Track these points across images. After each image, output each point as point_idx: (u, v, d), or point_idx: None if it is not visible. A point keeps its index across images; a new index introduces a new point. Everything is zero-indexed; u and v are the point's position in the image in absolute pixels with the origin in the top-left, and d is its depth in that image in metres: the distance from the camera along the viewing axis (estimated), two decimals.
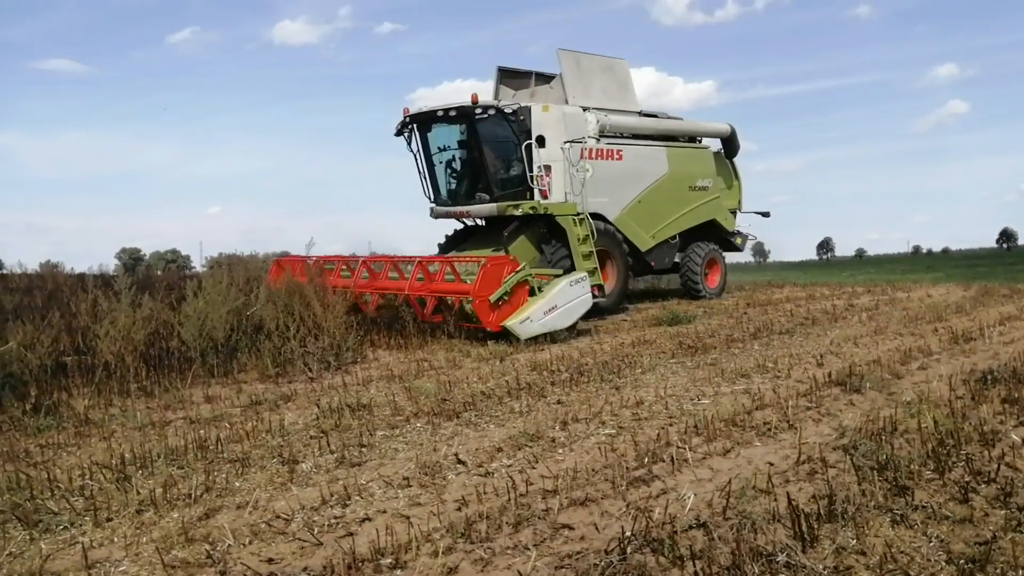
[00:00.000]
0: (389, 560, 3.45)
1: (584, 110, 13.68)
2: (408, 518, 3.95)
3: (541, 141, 12.74)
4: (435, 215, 13.92)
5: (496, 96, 14.05)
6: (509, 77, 14.50)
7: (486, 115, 12.33)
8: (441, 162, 13.68)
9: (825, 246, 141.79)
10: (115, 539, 3.84)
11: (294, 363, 8.55)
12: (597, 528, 3.74)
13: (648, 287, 19.80)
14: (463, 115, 12.54)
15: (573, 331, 10.51)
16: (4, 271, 23.22)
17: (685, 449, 4.92)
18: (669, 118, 16.25)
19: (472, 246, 13.64)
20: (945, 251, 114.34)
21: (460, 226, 14.72)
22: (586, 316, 11.27)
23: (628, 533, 3.56)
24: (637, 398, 6.53)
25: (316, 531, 3.82)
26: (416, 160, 13.68)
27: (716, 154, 17.08)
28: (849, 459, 4.56)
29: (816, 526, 3.54)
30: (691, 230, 16.14)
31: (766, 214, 18.38)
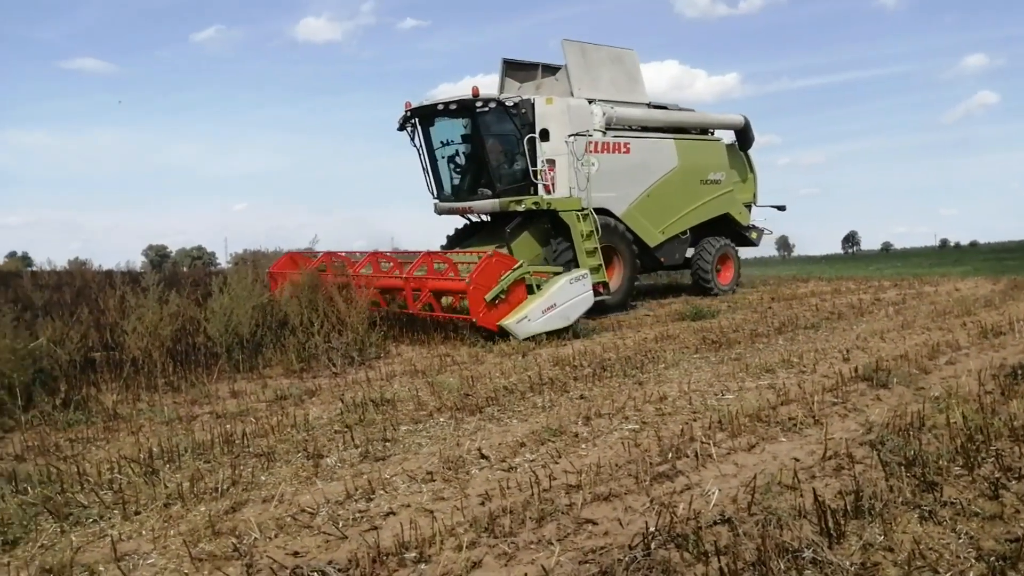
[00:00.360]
0: (413, 554, 3.46)
1: (590, 102, 13.35)
2: (432, 512, 3.96)
3: (545, 135, 12.50)
4: (439, 211, 13.70)
5: (501, 89, 13.83)
6: (514, 69, 14.23)
7: (487, 108, 12.08)
8: (443, 157, 13.40)
9: (851, 240, 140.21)
10: (143, 532, 3.89)
11: (318, 358, 8.61)
12: (621, 523, 3.73)
13: (670, 281, 19.58)
14: (464, 108, 12.22)
15: (571, 330, 10.14)
16: (34, 268, 23.60)
17: (709, 444, 4.89)
18: (680, 110, 15.83)
19: (477, 242, 13.31)
20: (973, 244, 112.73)
21: (465, 222, 14.44)
22: (591, 313, 11.17)
23: (652, 528, 3.55)
24: (660, 393, 6.51)
25: (341, 525, 3.84)
26: (419, 155, 13.44)
27: (729, 146, 16.64)
28: (876, 455, 4.52)
29: (843, 522, 3.51)
30: (703, 225, 15.72)
31: (782, 208, 17.87)
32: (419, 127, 13.09)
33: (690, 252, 15.82)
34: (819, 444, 4.82)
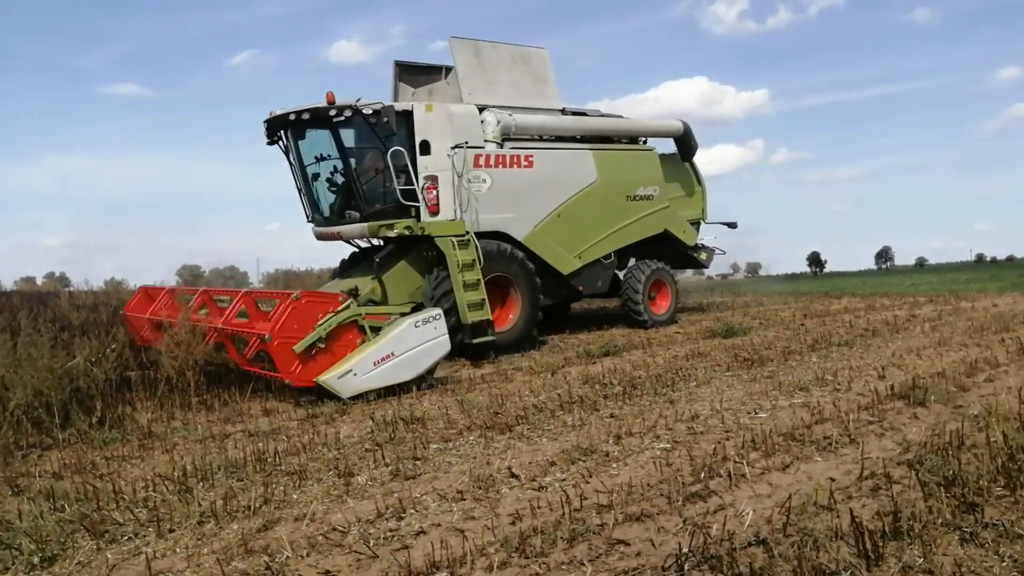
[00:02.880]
0: (444, 574, 3.45)
1: (481, 109, 11.65)
2: (462, 532, 3.95)
3: (425, 147, 10.86)
4: (316, 236, 11.84)
5: (395, 96, 12.25)
6: (409, 73, 12.51)
7: (343, 118, 10.31)
8: (317, 174, 11.47)
9: (884, 255, 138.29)
10: (177, 550, 3.92)
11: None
12: (653, 544, 3.69)
13: (598, 308, 17.47)
14: (318, 118, 10.54)
15: (426, 382, 8.34)
16: (71, 288, 24.06)
17: (743, 464, 4.83)
18: (603, 116, 14.02)
19: (359, 272, 11.62)
20: (1010, 259, 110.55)
21: (360, 247, 12.57)
22: (482, 355, 10.32)
23: (685, 549, 3.50)
24: (692, 412, 6.45)
25: (372, 544, 3.85)
26: (292, 172, 11.62)
27: (667, 157, 14.76)
28: (914, 475, 4.43)
29: (881, 544, 3.44)
30: (637, 247, 13.92)
31: (733, 225, 16.04)
32: (290, 140, 11.29)
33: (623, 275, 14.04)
34: (855, 464, 4.74)
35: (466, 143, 11.08)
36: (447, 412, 6.91)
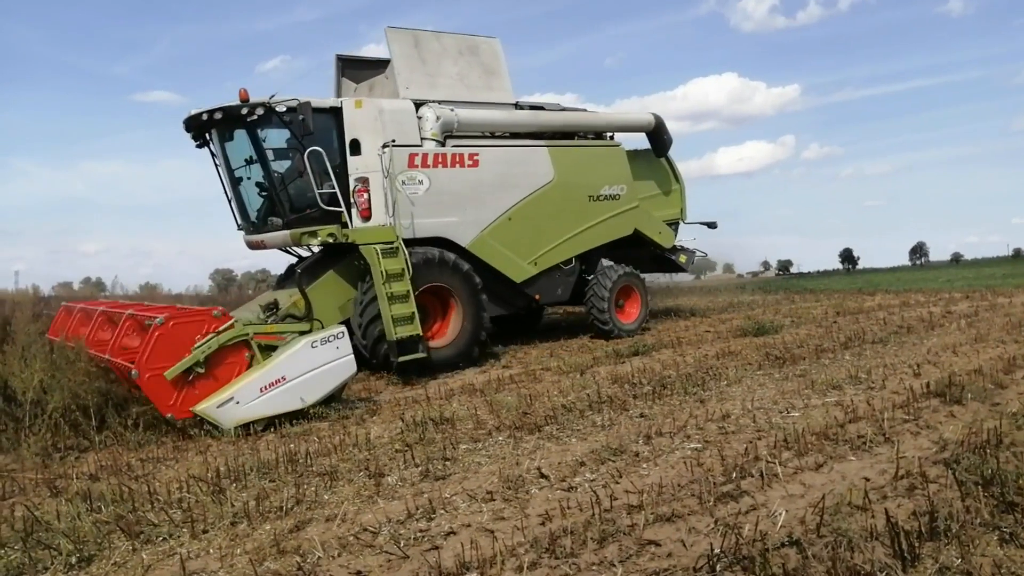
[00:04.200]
0: (474, 574, 3.46)
1: (419, 104, 10.80)
2: (492, 532, 3.95)
3: (356, 147, 10.13)
4: (247, 245, 11.01)
5: (338, 92, 11.46)
6: (351, 67, 11.71)
7: (255, 116, 9.58)
8: (248, 177, 10.60)
9: (918, 251, 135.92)
10: (211, 550, 3.97)
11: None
12: (684, 545, 3.66)
13: (564, 316, 15.89)
14: (232, 118, 9.79)
15: (332, 404, 7.53)
16: (107, 293, 24.48)
17: (775, 464, 4.77)
18: (564, 110, 12.98)
19: (295, 283, 10.23)
20: None
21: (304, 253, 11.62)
22: (412, 373, 9.44)
23: (717, 550, 3.47)
24: (723, 411, 6.39)
25: (402, 544, 3.86)
26: (219, 176, 10.83)
27: (640, 153, 13.86)
28: (951, 474, 4.35)
29: (917, 544, 3.38)
30: (609, 250, 12.88)
31: (712, 225, 15.00)
32: (216, 142, 10.52)
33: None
34: (890, 463, 4.66)
35: (393, 141, 10.19)
36: (476, 413, 6.92)
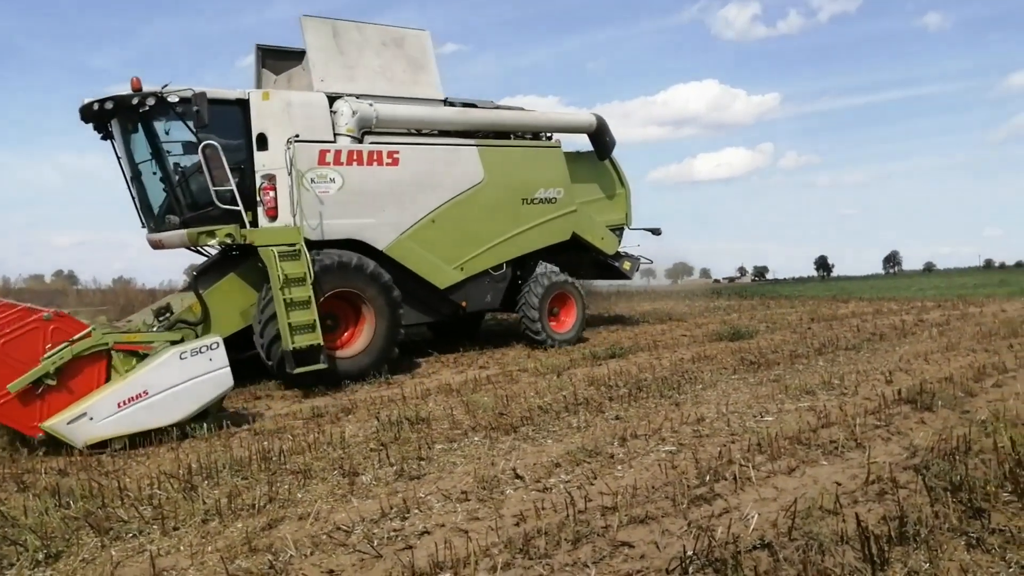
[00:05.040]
0: (448, 574, 3.45)
1: (335, 98, 10.20)
2: (466, 532, 3.94)
3: (263, 142, 9.44)
4: (150, 245, 10.23)
5: (258, 83, 10.90)
6: (272, 58, 11.07)
7: (146, 107, 8.91)
8: (153, 173, 9.81)
9: (892, 260, 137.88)
10: (181, 547, 3.93)
11: None
12: (658, 546, 3.68)
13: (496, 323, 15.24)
14: (123, 108, 9.14)
15: (208, 420, 6.83)
16: (80, 287, 24.17)
17: (748, 467, 4.81)
18: (497, 108, 12.29)
19: (204, 282, 9.85)
20: (1019, 264, 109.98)
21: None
22: (312, 384, 8.83)
23: (690, 552, 3.49)
24: (698, 414, 6.43)
25: (376, 543, 3.84)
26: (121, 170, 10.11)
27: (583, 155, 13.29)
28: (921, 479, 4.40)
29: (887, 549, 3.42)
30: (548, 256, 12.32)
31: (657, 231, 14.35)
32: (119, 133, 9.78)
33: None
34: (862, 468, 4.71)
35: (296, 136, 9.51)
36: (452, 413, 6.91)
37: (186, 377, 6.61)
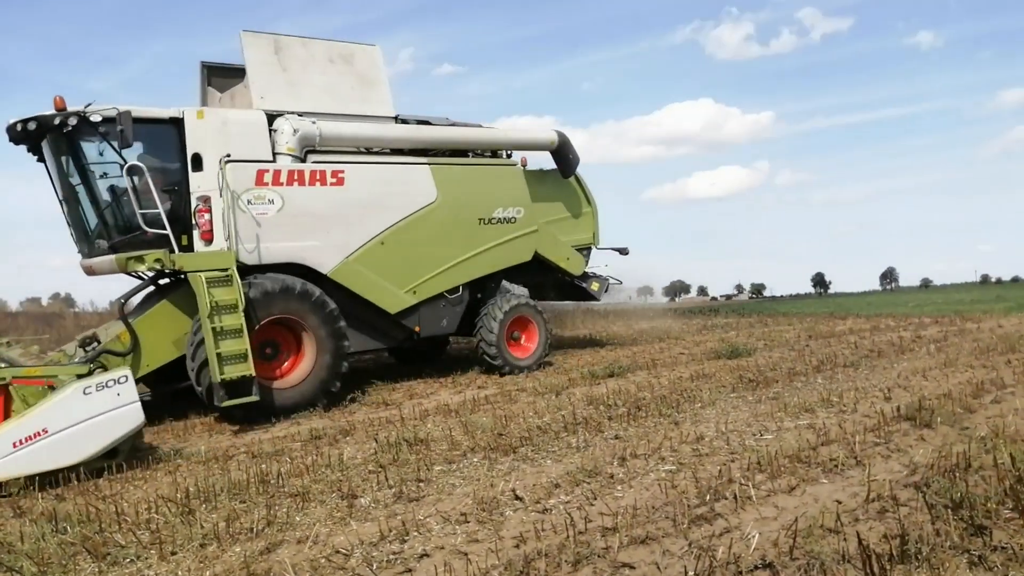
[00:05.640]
0: None
1: (275, 116, 9.73)
2: (466, 555, 3.92)
3: (198, 162, 8.99)
4: (84, 270, 9.80)
5: (203, 100, 10.63)
6: (218, 75, 10.72)
7: (68, 127, 8.54)
8: (84, 195, 9.39)
9: (889, 276, 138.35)
10: (179, 572, 3.90)
11: None
12: (659, 567, 3.66)
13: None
14: (45, 128, 8.76)
15: (120, 459, 6.43)
16: (76, 309, 24.14)
17: (748, 486, 4.80)
18: (454, 125, 11.70)
19: (137, 310, 9.56)
20: (1015, 279, 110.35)
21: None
22: (251, 419, 8.35)
23: (691, 573, 3.48)
24: (697, 433, 6.42)
25: (375, 567, 3.82)
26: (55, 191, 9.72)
27: (547, 173, 12.66)
28: (921, 497, 4.39)
29: (888, 567, 3.41)
30: (511, 276, 12.00)
31: (624, 251, 13.87)
32: (51, 154, 9.40)
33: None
34: (862, 486, 4.70)
35: (228, 156, 9.00)
36: (451, 434, 6.89)
37: (91, 414, 6.16)
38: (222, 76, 10.65)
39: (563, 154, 12.56)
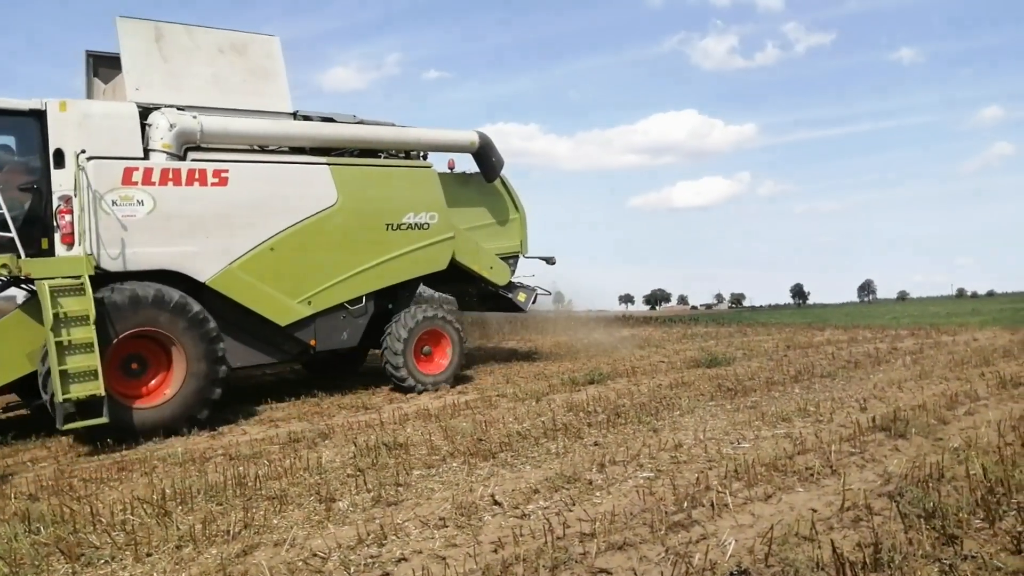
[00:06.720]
0: None
1: (151, 109, 8.89)
2: (444, 559, 3.93)
3: (60, 159, 8.17)
4: None
5: (89, 92, 9.92)
6: (104, 65, 9.88)
7: None
8: None
9: (866, 288, 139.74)
10: (154, 574, 3.88)
11: None
12: (635, 573, 3.68)
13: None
14: None
15: None
16: None
17: (725, 494, 4.83)
18: (362, 123, 10.76)
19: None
20: (990, 294, 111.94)
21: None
22: (108, 439, 7.45)
23: None
24: (676, 441, 6.45)
25: (352, 570, 3.82)
26: None
27: (468, 176, 12.04)
28: (895, 506, 4.45)
29: (862, 575, 3.45)
30: (431, 284, 11.50)
31: (551, 260, 13.20)
32: None
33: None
34: (837, 495, 4.75)
35: (82, 151, 8.05)
36: (430, 438, 6.89)
37: None
38: (108, 66, 9.76)
39: (485, 156, 11.89)
